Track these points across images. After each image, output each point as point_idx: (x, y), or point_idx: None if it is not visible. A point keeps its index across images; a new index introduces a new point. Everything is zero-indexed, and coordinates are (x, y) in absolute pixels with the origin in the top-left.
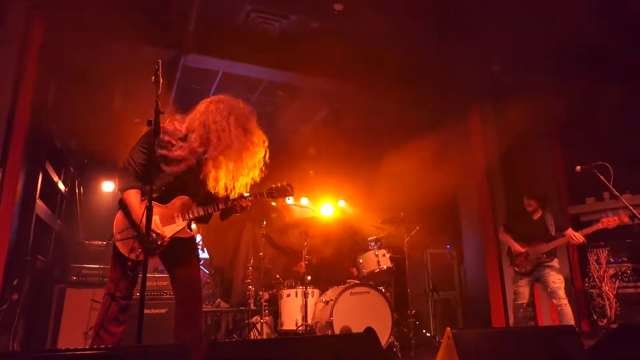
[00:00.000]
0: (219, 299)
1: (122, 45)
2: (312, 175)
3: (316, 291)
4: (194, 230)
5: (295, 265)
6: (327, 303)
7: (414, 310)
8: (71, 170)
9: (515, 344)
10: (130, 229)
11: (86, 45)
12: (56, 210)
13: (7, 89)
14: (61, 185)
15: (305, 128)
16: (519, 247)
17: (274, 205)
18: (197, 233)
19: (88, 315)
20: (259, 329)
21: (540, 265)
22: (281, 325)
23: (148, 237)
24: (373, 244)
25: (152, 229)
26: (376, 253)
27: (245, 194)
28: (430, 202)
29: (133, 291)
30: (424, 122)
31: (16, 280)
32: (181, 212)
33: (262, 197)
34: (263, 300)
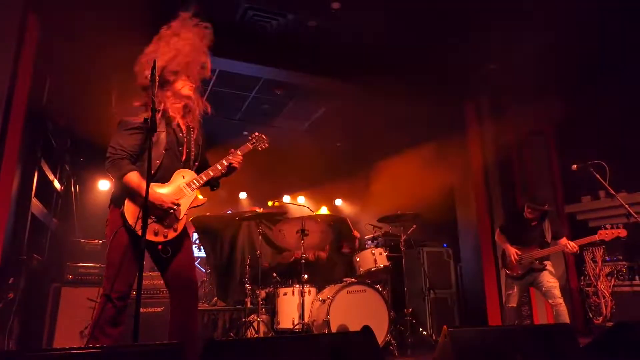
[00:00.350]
0: (215, 298)
1: (118, 43)
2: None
3: (313, 289)
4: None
5: (285, 256)
6: (324, 301)
7: (410, 309)
8: (67, 168)
9: (511, 343)
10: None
11: (82, 43)
12: (52, 208)
13: (3, 86)
14: (57, 184)
15: (302, 126)
16: (513, 252)
17: (270, 204)
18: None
19: (84, 314)
20: (256, 327)
21: (533, 271)
22: (278, 323)
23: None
24: (370, 242)
25: (172, 201)
26: (373, 251)
27: (232, 150)
28: (427, 201)
29: (130, 291)
30: (421, 121)
31: (12, 279)
32: (187, 184)
33: (248, 149)
34: (260, 299)
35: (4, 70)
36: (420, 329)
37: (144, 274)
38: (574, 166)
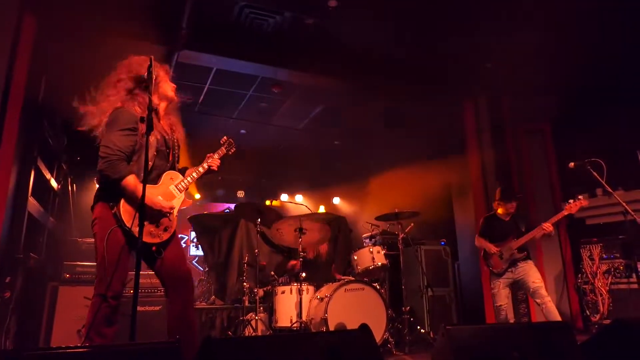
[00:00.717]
0: (213, 296)
1: (115, 41)
2: (308, 172)
3: (311, 288)
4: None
5: (290, 263)
6: (322, 300)
7: (408, 307)
8: (64, 167)
9: (509, 340)
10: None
11: (78, 42)
12: (49, 207)
13: None
14: (54, 183)
15: (300, 125)
16: (492, 247)
17: (268, 203)
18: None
19: (81, 313)
20: (254, 326)
21: (516, 263)
22: (276, 322)
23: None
24: (368, 240)
25: (170, 205)
26: (371, 250)
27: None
28: (425, 199)
29: (124, 289)
30: (419, 119)
31: (8, 277)
32: (176, 186)
33: (223, 153)
34: (257, 297)
35: (0, 68)
36: (418, 327)
37: (142, 272)
38: (571, 164)
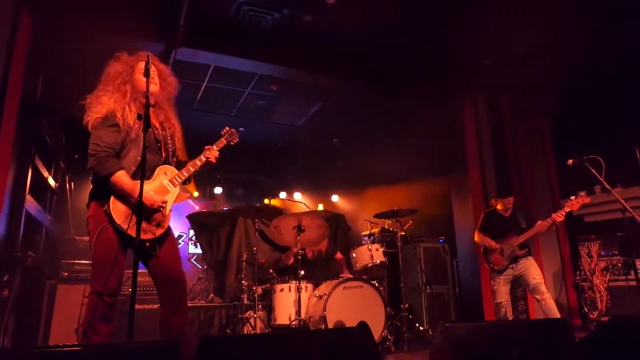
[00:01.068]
0: (212, 294)
1: (113, 38)
2: (306, 170)
3: (309, 286)
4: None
5: (284, 258)
6: (321, 297)
7: (407, 305)
8: (62, 165)
9: (508, 338)
10: (133, 214)
11: (75, 39)
12: (47, 206)
13: None
14: (51, 181)
15: (298, 122)
16: (493, 243)
17: (267, 201)
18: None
19: (79, 311)
20: (252, 323)
21: (517, 260)
22: (274, 320)
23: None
24: (366, 238)
25: (163, 200)
26: (369, 247)
27: (207, 147)
28: (424, 196)
29: (120, 287)
30: (418, 117)
31: (6, 276)
32: (170, 180)
33: (223, 144)
34: (256, 295)
35: None
36: (417, 325)
37: (140, 270)
38: (570, 161)
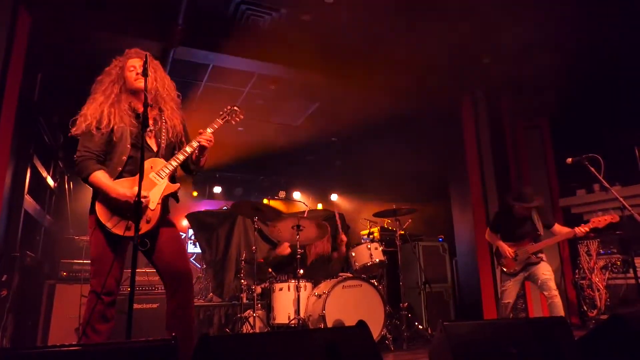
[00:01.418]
0: (211, 294)
1: (111, 38)
2: (305, 169)
3: (309, 285)
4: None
5: (279, 249)
6: (320, 296)
7: (406, 303)
8: (60, 165)
9: (507, 336)
10: (115, 215)
11: (74, 38)
12: (45, 205)
13: None
14: (50, 181)
15: (297, 122)
16: (507, 249)
17: (266, 202)
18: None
19: (78, 310)
20: (252, 323)
21: (530, 265)
22: (274, 319)
23: (139, 203)
24: (365, 237)
25: (130, 194)
26: (368, 246)
27: (200, 130)
28: (422, 195)
29: (118, 286)
30: (417, 115)
31: (5, 276)
32: (157, 172)
33: (220, 125)
34: (255, 294)
35: None
36: (416, 323)
37: (139, 270)
38: (569, 159)
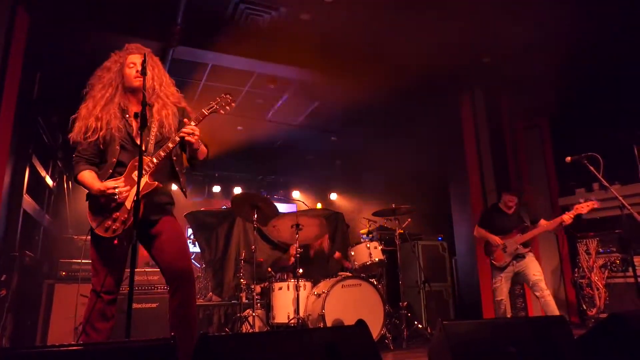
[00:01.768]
0: (210, 293)
1: (110, 37)
2: (304, 168)
3: (308, 284)
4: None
5: (284, 257)
6: (319, 296)
7: (405, 302)
8: (59, 165)
9: (506, 335)
10: (98, 215)
11: (73, 37)
12: (44, 205)
13: None
14: (49, 180)
15: (297, 121)
16: (496, 238)
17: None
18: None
19: (77, 310)
20: (251, 322)
21: (518, 257)
22: (273, 318)
23: (112, 197)
24: (365, 236)
25: (103, 187)
26: (368, 245)
27: (184, 120)
28: (422, 194)
29: (120, 285)
30: (416, 115)
31: (4, 275)
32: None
33: (204, 116)
34: (255, 294)
35: None
36: (416, 323)
37: (138, 270)
38: (568, 158)
